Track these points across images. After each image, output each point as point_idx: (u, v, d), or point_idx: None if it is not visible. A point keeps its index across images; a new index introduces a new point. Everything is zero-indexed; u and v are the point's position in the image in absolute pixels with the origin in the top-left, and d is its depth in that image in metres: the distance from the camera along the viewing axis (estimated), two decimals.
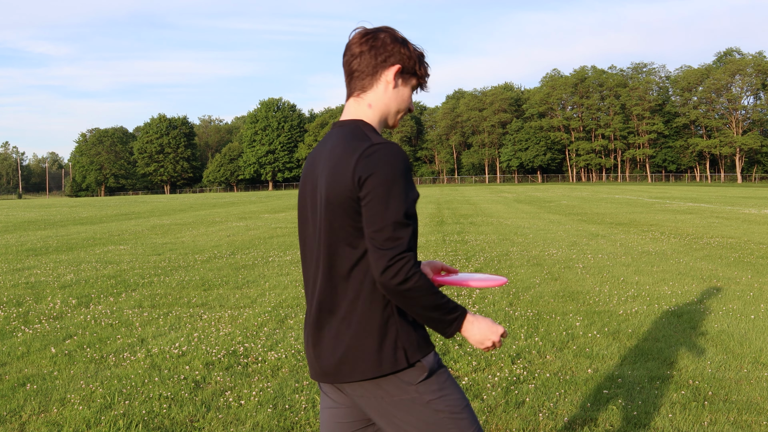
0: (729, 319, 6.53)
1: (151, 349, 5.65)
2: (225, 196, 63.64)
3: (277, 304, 7.56)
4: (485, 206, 29.36)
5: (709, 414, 4.08)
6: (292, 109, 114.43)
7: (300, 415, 4.14)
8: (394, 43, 2.06)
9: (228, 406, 4.33)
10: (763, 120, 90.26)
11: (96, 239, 16.18)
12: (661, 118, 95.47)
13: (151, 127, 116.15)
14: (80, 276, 9.92)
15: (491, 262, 10.77)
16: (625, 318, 6.62)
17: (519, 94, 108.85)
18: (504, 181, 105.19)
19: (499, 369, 5.01)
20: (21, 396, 4.53)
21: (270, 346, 5.69)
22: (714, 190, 51.22)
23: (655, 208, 25.50)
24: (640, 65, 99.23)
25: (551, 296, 7.78)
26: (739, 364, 5.07)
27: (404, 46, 2.08)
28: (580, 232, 15.89)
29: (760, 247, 12.21)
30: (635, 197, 37.29)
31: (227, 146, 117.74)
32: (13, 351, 5.69)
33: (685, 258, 10.91)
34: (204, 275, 9.81)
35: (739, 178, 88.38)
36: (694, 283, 8.59)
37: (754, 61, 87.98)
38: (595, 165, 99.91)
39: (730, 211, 23.49)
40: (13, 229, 20.83)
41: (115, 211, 32.74)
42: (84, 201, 60.45)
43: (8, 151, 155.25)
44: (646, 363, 5.10)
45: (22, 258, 12.47)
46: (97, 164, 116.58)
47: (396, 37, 2.08)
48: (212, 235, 16.74)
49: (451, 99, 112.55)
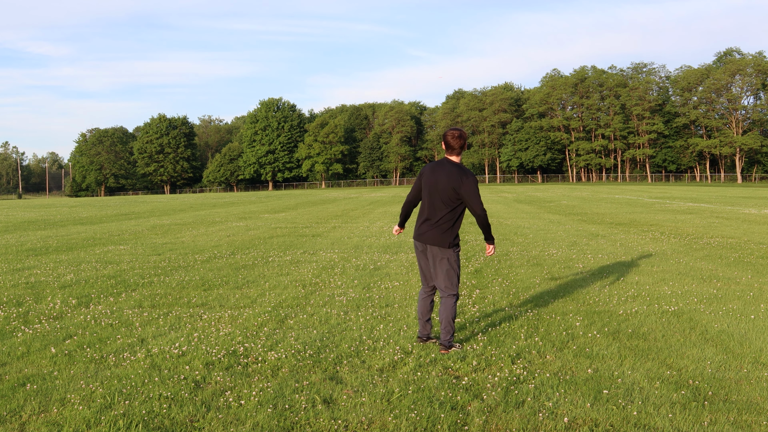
0: (729, 319, 6.53)
1: (151, 349, 5.65)
2: (225, 196, 63.65)
3: (277, 304, 7.57)
4: (485, 206, 29.34)
5: (709, 414, 4.08)
6: (292, 109, 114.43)
7: (300, 415, 4.14)
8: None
9: (228, 406, 4.33)
10: (763, 120, 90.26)
11: (96, 239, 16.18)
12: (661, 118, 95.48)
13: (151, 127, 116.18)
14: (80, 276, 9.92)
15: (491, 262, 10.78)
16: (625, 318, 6.62)
17: (519, 94, 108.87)
18: (504, 181, 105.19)
19: (499, 369, 5.01)
20: (21, 396, 4.53)
21: (270, 346, 5.69)
22: (714, 190, 51.22)
23: (655, 208, 25.50)
24: (640, 65, 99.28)
25: (551, 296, 7.78)
26: (739, 364, 5.08)
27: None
28: (580, 232, 15.89)
29: (760, 247, 12.21)
30: (635, 197, 37.29)
31: (227, 146, 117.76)
32: (13, 351, 5.69)
33: (685, 258, 10.91)
34: (204, 275, 9.81)
35: (739, 178, 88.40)
36: (694, 283, 8.59)
37: (754, 61, 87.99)
38: (595, 165, 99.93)
39: (730, 211, 23.49)
40: (13, 229, 20.82)
41: (115, 211, 32.74)
42: (84, 201, 60.45)
43: (8, 151, 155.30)
44: (646, 363, 5.10)
45: (22, 258, 12.47)
46: (97, 164, 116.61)
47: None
48: (212, 235, 16.74)
49: (451, 99, 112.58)
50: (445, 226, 5.53)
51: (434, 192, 5.54)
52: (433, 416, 4.09)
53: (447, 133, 5.57)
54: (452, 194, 5.46)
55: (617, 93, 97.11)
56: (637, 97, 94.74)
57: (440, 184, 5.50)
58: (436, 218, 5.56)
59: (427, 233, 5.59)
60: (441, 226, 5.53)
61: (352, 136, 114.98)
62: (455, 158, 5.58)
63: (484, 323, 6.45)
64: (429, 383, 4.69)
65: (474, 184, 5.46)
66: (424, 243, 5.62)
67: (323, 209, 29.77)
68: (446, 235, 5.53)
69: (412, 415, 4.10)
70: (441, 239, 5.53)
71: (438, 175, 5.53)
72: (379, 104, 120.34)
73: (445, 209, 5.52)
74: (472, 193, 5.45)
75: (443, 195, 5.49)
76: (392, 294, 8.09)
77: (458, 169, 5.48)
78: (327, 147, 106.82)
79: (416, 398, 4.40)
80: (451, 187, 5.45)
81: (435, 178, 5.55)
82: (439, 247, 5.54)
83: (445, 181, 5.47)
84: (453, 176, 5.45)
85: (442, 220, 5.53)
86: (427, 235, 5.60)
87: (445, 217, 5.53)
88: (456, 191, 5.44)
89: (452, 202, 5.49)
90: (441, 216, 5.53)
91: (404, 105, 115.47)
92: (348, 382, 4.76)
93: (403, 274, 9.65)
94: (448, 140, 5.54)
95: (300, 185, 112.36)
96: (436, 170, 5.57)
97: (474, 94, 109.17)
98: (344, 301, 7.65)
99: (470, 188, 5.43)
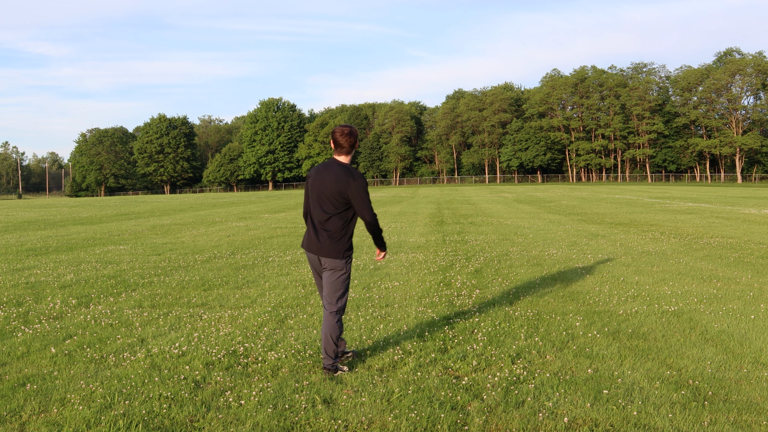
0: (729, 319, 6.53)
1: (151, 349, 5.65)
2: (225, 196, 63.64)
3: (277, 304, 7.56)
4: (485, 206, 29.36)
5: (709, 414, 4.08)
6: (292, 109, 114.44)
7: (300, 415, 4.14)
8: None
9: (228, 406, 4.33)
10: (763, 120, 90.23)
11: (96, 239, 16.17)
12: (661, 118, 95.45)
13: (151, 127, 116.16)
14: (80, 276, 9.92)
15: (491, 262, 10.77)
16: (625, 318, 6.62)
17: (519, 94, 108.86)
18: (504, 181, 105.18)
19: (499, 369, 5.01)
20: (21, 396, 4.53)
21: (270, 346, 5.69)
22: (714, 190, 51.21)
23: (655, 208, 25.50)
24: (640, 65, 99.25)
25: (551, 296, 7.78)
26: (739, 364, 5.08)
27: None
28: (580, 232, 15.89)
29: (760, 247, 12.21)
30: (635, 197, 37.29)
31: (227, 146, 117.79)
32: (13, 351, 5.69)
33: (685, 258, 10.91)
34: (204, 275, 9.81)
35: (739, 178, 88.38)
36: (694, 283, 8.59)
37: (754, 61, 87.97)
38: (595, 165, 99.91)
39: (730, 211, 23.48)
40: (13, 229, 20.82)
41: (115, 211, 32.74)
42: (84, 201, 60.44)
43: (8, 151, 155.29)
44: (646, 363, 5.10)
45: (22, 258, 12.46)
46: (97, 164, 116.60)
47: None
48: (212, 235, 16.74)
49: (451, 99, 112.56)
50: (336, 235, 5.00)
51: (322, 196, 5.01)
52: (433, 416, 4.09)
53: (335, 129, 5.04)
54: (340, 198, 4.94)
55: (617, 93, 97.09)
56: (637, 97, 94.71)
57: (327, 188, 4.97)
58: (324, 226, 5.02)
59: (317, 242, 5.05)
60: (331, 234, 5.00)
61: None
62: (344, 158, 5.05)
63: (484, 323, 6.45)
64: (429, 383, 4.69)
65: (362, 186, 4.93)
66: (315, 253, 5.09)
67: None
68: (337, 244, 5.00)
69: (412, 415, 4.10)
70: (331, 249, 4.99)
71: (324, 177, 5.00)
72: (379, 104, 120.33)
73: (334, 215, 4.99)
74: (359, 197, 4.92)
75: (331, 199, 4.96)
76: (392, 294, 8.09)
77: (345, 170, 4.96)
78: (327, 147, 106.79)
79: (416, 398, 4.40)
80: (338, 191, 4.93)
81: (321, 182, 5.01)
82: (330, 258, 5.00)
83: (332, 184, 4.94)
84: (340, 179, 4.93)
85: (331, 228, 5.00)
86: (316, 245, 5.05)
87: (335, 224, 5.00)
88: (343, 195, 4.93)
89: (340, 207, 4.97)
90: (330, 223, 5.00)
91: (404, 105, 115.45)
92: (348, 382, 4.76)
93: (403, 274, 9.65)
94: (336, 138, 5.00)
95: (300, 185, 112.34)
96: (322, 173, 5.03)
97: (474, 94, 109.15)
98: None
99: (358, 191, 4.91)
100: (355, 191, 4.91)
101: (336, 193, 4.93)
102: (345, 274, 5.07)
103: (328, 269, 5.06)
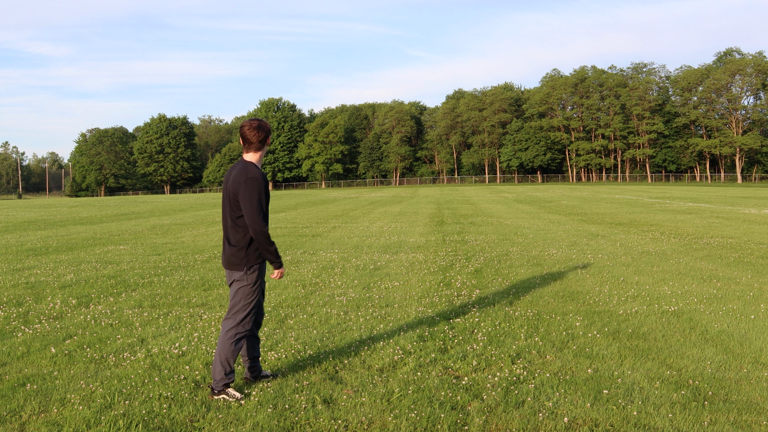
0: (729, 319, 6.53)
1: (151, 349, 5.65)
2: None
3: (277, 304, 7.56)
4: (485, 206, 29.36)
5: (709, 414, 4.08)
6: (292, 109, 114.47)
7: (300, 415, 4.15)
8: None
9: (228, 406, 4.33)
10: (763, 120, 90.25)
11: (96, 239, 16.18)
12: (661, 118, 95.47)
13: (151, 127, 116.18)
14: (80, 276, 9.92)
15: (491, 262, 10.77)
16: (625, 318, 6.62)
17: (519, 94, 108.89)
18: (504, 181, 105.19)
19: (499, 369, 5.01)
20: (21, 396, 4.53)
21: (270, 346, 5.69)
22: (714, 190, 51.21)
23: (655, 208, 25.50)
24: (640, 65, 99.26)
25: (551, 296, 7.78)
26: (739, 364, 5.08)
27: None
28: (580, 232, 15.89)
29: (760, 247, 12.21)
30: (635, 197, 37.29)
31: (227, 146, 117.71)
32: (13, 351, 5.69)
33: (685, 258, 10.91)
34: (204, 275, 9.81)
35: (739, 178, 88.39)
36: (694, 283, 8.59)
37: (754, 61, 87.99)
38: (595, 165, 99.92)
39: (730, 211, 23.49)
40: (13, 229, 20.82)
41: (115, 211, 32.74)
42: (84, 201, 60.44)
43: (8, 151, 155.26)
44: (646, 363, 5.10)
45: (22, 258, 12.46)
46: (97, 164, 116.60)
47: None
48: (212, 235, 16.74)
49: (451, 99, 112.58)
50: (240, 243, 4.43)
51: (225, 201, 4.50)
52: (433, 416, 4.09)
53: (244, 123, 4.47)
54: (237, 202, 4.40)
55: (617, 93, 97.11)
56: (637, 97, 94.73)
57: (229, 191, 4.44)
58: (228, 233, 4.50)
59: (224, 253, 4.57)
60: (236, 242, 4.45)
61: (352, 136, 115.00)
62: (252, 156, 4.47)
63: (484, 323, 6.45)
64: (429, 383, 4.69)
65: (253, 185, 4.30)
66: (223, 266, 4.60)
67: (323, 209, 29.76)
68: (241, 253, 4.43)
69: (412, 415, 4.10)
70: (235, 260, 4.45)
71: (228, 179, 4.50)
72: (379, 104, 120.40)
73: (236, 221, 4.43)
74: (247, 197, 4.30)
75: (232, 203, 4.42)
76: (392, 294, 8.09)
77: (243, 169, 4.38)
78: (327, 147, 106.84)
79: (416, 398, 4.40)
80: (234, 192, 4.39)
81: (226, 184, 4.52)
82: (234, 270, 4.49)
83: (231, 185, 4.41)
84: (237, 178, 4.37)
85: (235, 235, 4.45)
86: (223, 256, 4.57)
87: (238, 231, 4.44)
88: (237, 197, 4.38)
89: (240, 211, 4.40)
90: (233, 230, 4.46)
91: (404, 105, 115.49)
92: (348, 382, 4.76)
93: (403, 274, 9.65)
94: (244, 133, 4.44)
95: (300, 185, 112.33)
96: (229, 174, 4.52)
97: (474, 94, 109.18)
98: (344, 301, 7.65)
99: (246, 193, 4.30)
100: (243, 190, 4.31)
101: (233, 195, 4.40)
102: (249, 286, 4.48)
103: (234, 281, 4.52)
